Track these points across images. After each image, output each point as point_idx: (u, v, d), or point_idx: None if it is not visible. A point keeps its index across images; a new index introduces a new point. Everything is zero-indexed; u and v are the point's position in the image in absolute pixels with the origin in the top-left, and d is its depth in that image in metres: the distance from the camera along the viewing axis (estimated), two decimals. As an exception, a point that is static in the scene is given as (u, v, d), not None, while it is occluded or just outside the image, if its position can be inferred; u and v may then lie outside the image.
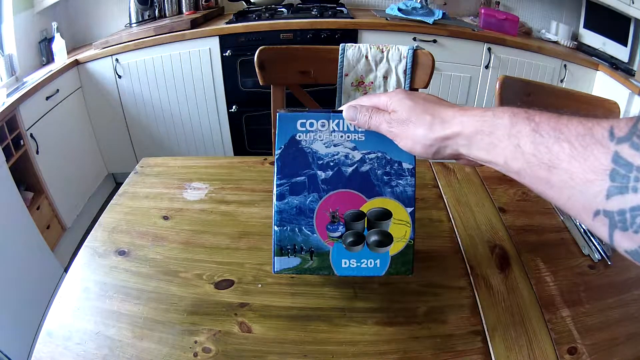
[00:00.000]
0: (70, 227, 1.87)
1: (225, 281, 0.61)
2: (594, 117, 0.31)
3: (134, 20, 2.16)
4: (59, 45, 1.95)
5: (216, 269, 0.63)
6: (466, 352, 0.51)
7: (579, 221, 0.73)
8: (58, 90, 1.85)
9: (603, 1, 2.00)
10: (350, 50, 1.16)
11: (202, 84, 2.12)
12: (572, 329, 0.54)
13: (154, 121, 2.20)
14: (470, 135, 0.39)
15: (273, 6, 2.24)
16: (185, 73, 2.09)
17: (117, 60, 2.02)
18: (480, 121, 0.38)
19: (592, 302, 0.58)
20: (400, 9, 2.12)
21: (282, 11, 2.17)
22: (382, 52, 1.17)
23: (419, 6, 2.18)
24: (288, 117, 0.51)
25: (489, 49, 2.08)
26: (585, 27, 2.25)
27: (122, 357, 0.50)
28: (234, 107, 2.19)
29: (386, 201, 0.51)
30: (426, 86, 1.14)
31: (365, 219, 0.52)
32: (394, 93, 0.46)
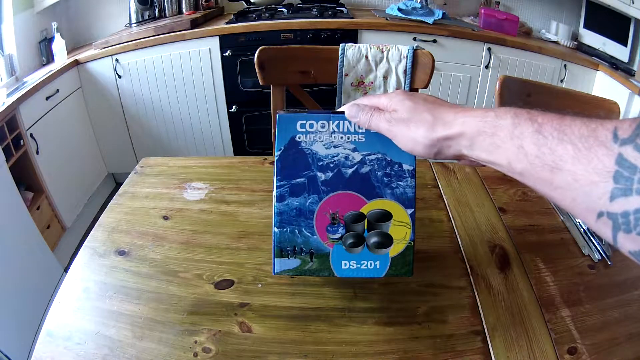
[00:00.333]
0: (70, 227, 1.87)
1: (225, 281, 0.61)
2: (597, 118, 0.31)
3: (134, 20, 2.16)
4: (59, 45, 1.95)
5: (216, 269, 0.63)
6: (466, 352, 0.51)
7: (581, 222, 0.73)
8: (58, 90, 1.85)
9: (603, 1, 2.00)
10: (350, 50, 1.16)
11: (202, 84, 2.12)
12: (572, 329, 0.54)
13: (154, 121, 2.20)
14: (473, 136, 0.38)
15: (273, 6, 2.24)
16: (185, 73, 2.09)
17: (117, 60, 2.02)
18: (483, 122, 0.38)
19: (592, 302, 0.58)
20: (400, 9, 2.12)
21: (282, 11, 2.17)
22: (382, 52, 1.17)
23: (419, 6, 2.17)
24: (288, 118, 0.51)
25: (489, 49, 2.08)
26: (585, 27, 2.25)
27: (122, 357, 0.50)
28: (234, 107, 2.19)
29: (386, 202, 0.51)
30: (426, 86, 1.13)
31: (366, 220, 0.51)
32: (394, 94, 0.46)
